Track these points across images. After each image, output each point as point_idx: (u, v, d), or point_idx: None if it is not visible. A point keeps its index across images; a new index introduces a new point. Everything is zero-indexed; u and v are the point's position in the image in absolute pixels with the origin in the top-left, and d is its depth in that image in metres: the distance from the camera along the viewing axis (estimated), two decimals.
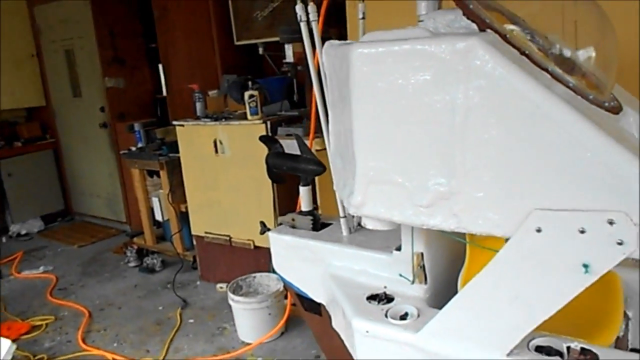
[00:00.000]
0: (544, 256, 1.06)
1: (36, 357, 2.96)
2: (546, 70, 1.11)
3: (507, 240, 1.12)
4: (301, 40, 2.69)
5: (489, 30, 1.18)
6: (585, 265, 1.01)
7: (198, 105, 3.25)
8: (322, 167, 1.84)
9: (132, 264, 4.23)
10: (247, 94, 2.80)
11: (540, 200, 1.04)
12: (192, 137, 3.22)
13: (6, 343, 2.41)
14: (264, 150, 2.80)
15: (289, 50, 2.60)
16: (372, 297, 1.52)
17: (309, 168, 1.87)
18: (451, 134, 1.11)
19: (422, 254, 1.48)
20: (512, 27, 1.22)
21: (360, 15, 1.82)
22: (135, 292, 3.75)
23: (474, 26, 1.25)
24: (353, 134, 1.25)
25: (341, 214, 1.80)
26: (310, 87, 2.90)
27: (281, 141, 2.68)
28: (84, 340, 3.10)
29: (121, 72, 4.78)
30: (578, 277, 1.02)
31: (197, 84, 3.33)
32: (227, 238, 3.24)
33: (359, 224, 1.89)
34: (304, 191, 1.94)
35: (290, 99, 3.00)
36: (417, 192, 1.19)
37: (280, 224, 2.01)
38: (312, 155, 1.87)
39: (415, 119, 1.15)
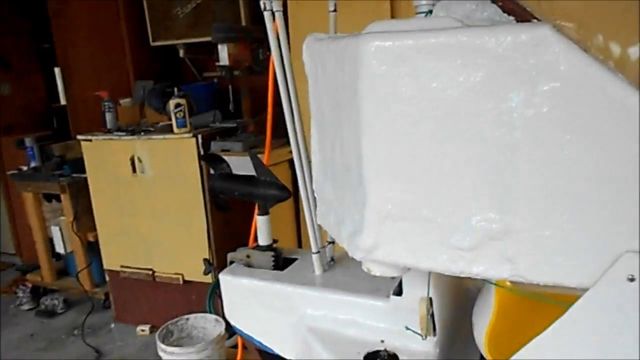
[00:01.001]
0: (634, 311, 0.81)
1: None
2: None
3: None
4: (238, 39, 2.36)
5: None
6: None
7: (108, 116, 2.75)
8: (287, 192, 1.51)
9: (25, 307, 3.52)
10: (172, 103, 2.37)
11: (634, 240, 0.79)
12: (102, 154, 2.70)
13: None
14: (194, 168, 2.41)
15: (223, 51, 2.23)
16: (371, 357, 1.21)
17: (269, 193, 1.52)
18: (506, 154, 0.83)
19: (430, 299, 1.20)
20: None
21: (332, 8, 1.51)
22: (33, 343, 3.08)
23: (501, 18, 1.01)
24: (362, 154, 0.94)
25: (314, 249, 1.47)
26: (249, 94, 2.55)
27: None
28: None
29: (6, 76, 4.04)
30: None
31: (105, 91, 2.82)
32: (150, 272, 2.76)
33: (332, 259, 1.58)
34: (262, 221, 1.58)
35: (223, 108, 2.62)
36: (456, 231, 0.90)
37: (232, 262, 1.64)
38: (272, 177, 1.53)
39: (455, 135, 0.86)
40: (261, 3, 1.27)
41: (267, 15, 1.28)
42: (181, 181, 2.46)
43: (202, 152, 2.37)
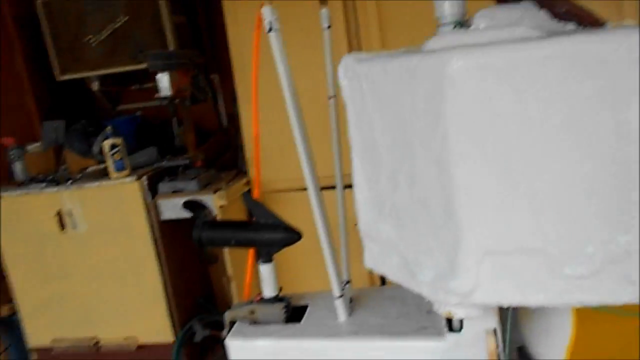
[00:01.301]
0: None
1: None
2: None
3: None
4: (180, 66, 2.11)
5: None
6: None
7: (17, 167, 2.32)
8: (297, 234, 1.33)
9: None
10: (107, 144, 2.06)
11: None
12: (18, 212, 2.27)
13: None
14: (140, 216, 2.12)
15: (163, 80, 1.97)
16: None
17: (276, 237, 1.33)
18: (626, 170, 0.77)
19: (494, 330, 1.11)
20: None
21: (326, 24, 1.37)
22: None
23: (547, 24, 0.95)
24: (452, 187, 0.82)
25: (337, 293, 1.31)
26: (192, 128, 2.30)
27: (165, 201, 2.07)
28: None
29: None
30: None
31: (8, 136, 2.38)
32: (92, 342, 2.35)
33: (350, 300, 1.43)
34: (266, 270, 1.38)
35: (156, 144, 2.32)
36: (570, 259, 0.81)
37: (232, 322, 1.42)
38: (276, 219, 1.34)
39: (566, 153, 0.78)
40: (265, 24, 1.10)
41: (273, 36, 1.11)
42: (125, 232, 2.13)
43: (148, 196, 2.07)
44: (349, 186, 2.23)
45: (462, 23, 1.09)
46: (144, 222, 2.10)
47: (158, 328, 2.19)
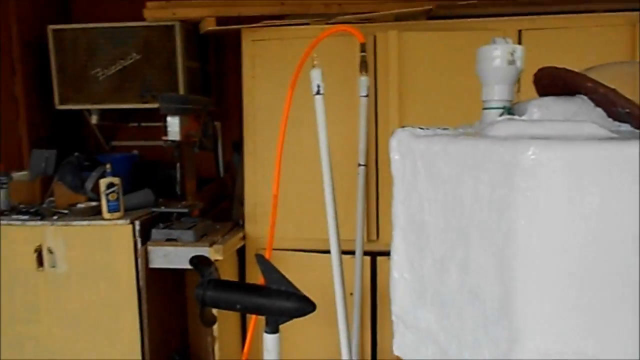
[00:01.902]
0: None
1: None
2: None
3: None
4: (192, 112, 2.06)
5: None
6: None
7: (1, 194, 2.18)
8: (311, 305, 1.25)
9: None
10: (104, 182, 1.95)
11: None
12: None
13: None
14: (128, 262, 2.00)
15: (173, 124, 1.91)
16: None
17: (286, 307, 1.25)
18: None
19: None
20: None
21: (364, 92, 1.35)
22: None
23: (600, 118, 0.94)
24: (519, 283, 0.77)
25: None
26: (194, 175, 2.22)
27: (156, 249, 1.96)
28: None
29: None
30: None
31: None
32: None
33: None
34: (271, 341, 1.29)
35: (152, 187, 2.22)
36: None
37: None
38: (288, 286, 1.26)
39: (632, 264, 0.74)
40: (314, 86, 1.07)
41: (319, 98, 1.08)
42: (107, 277, 1.99)
43: (139, 242, 1.96)
44: (348, 252, 2.19)
45: (510, 109, 1.08)
46: (131, 268, 1.97)
47: None
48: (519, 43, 1.06)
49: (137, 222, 1.97)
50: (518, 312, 0.77)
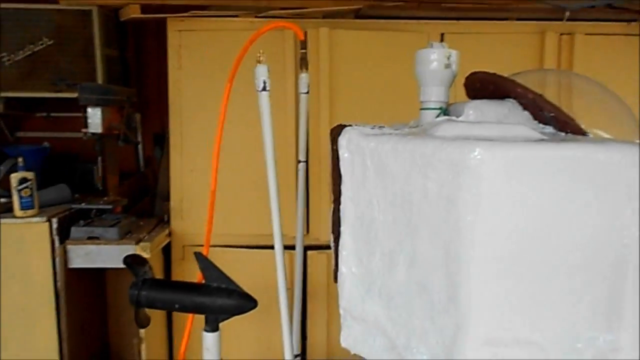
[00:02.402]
0: None
1: None
2: None
3: None
4: (117, 103, 1.95)
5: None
6: None
7: None
8: (252, 302, 1.25)
9: None
10: (15, 177, 1.79)
11: None
12: None
13: None
14: (43, 263, 1.86)
15: (95, 116, 1.78)
16: None
17: (230, 304, 1.23)
18: (616, 270, 0.82)
19: None
20: None
21: (304, 89, 1.36)
22: None
23: (527, 121, 1.03)
24: (465, 275, 0.82)
25: None
26: (116, 170, 2.11)
27: (76, 248, 1.85)
28: None
29: None
30: None
31: None
32: None
33: None
34: (211, 340, 1.27)
35: (67, 181, 2.06)
36: (562, 354, 0.84)
37: None
38: (229, 283, 1.25)
39: (568, 251, 0.82)
40: (259, 82, 1.06)
41: (265, 95, 1.07)
42: (21, 280, 1.82)
43: (56, 241, 1.81)
44: (290, 247, 2.20)
45: (446, 110, 1.15)
46: (47, 269, 1.83)
47: None
48: None
49: (54, 220, 1.83)
50: (463, 302, 0.83)
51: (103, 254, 1.84)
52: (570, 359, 0.84)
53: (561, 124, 0.99)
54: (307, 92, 1.36)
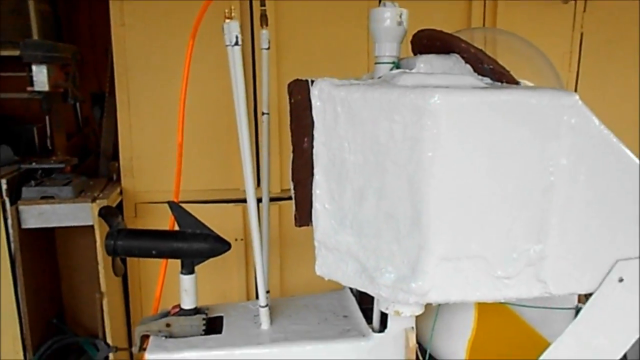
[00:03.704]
0: (624, 302, 1.10)
1: None
2: None
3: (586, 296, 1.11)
4: (62, 61, 1.90)
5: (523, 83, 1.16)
6: None
7: None
8: (226, 244, 1.35)
9: None
10: None
11: (623, 251, 1.08)
12: None
13: None
14: None
15: (40, 74, 1.73)
16: None
17: (206, 247, 1.33)
18: (544, 195, 1.02)
19: (412, 328, 1.29)
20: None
21: (265, 45, 1.43)
22: None
23: (469, 73, 1.19)
24: (422, 202, 0.98)
25: (263, 302, 1.36)
26: (63, 129, 2.07)
27: (29, 208, 1.84)
28: None
29: None
30: None
31: None
32: None
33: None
34: (188, 282, 1.36)
35: (15, 142, 1.99)
36: (502, 264, 1.04)
37: (144, 336, 1.35)
38: (203, 229, 1.34)
39: (508, 180, 1.00)
40: (231, 37, 1.13)
41: (237, 50, 1.15)
42: None
43: (7, 202, 1.78)
44: (231, 201, 2.27)
45: (398, 64, 1.28)
46: (0, 231, 1.81)
47: (7, 352, 1.88)
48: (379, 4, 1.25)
49: (2, 181, 1.79)
50: (425, 225, 0.98)
51: (58, 213, 1.84)
52: (507, 267, 1.04)
53: (498, 75, 1.15)
54: (268, 48, 1.43)
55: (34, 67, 1.76)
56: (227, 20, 1.16)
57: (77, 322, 2.35)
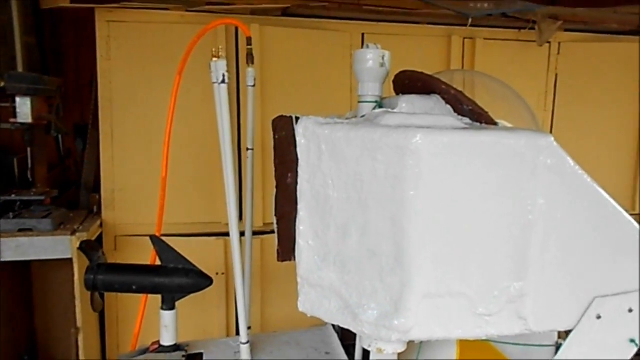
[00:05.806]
0: (602, 339, 1.12)
1: None
2: None
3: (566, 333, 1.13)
4: (45, 93, 1.91)
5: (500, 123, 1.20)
6: (632, 340, 1.13)
7: None
8: (208, 280, 1.34)
9: None
10: None
11: (601, 289, 1.10)
12: None
13: None
14: None
15: (24, 106, 1.73)
16: None
17: (186, 282, 1.32)
18: (523, 233, 1.04)
19: None
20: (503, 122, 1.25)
21: (251, 82, 1.45)
22: None
23: (449, 113, 1.23)
24: (404, 239, 0.99)
25: (244, 339, 1.35)
26: (45, 161, 2.05)
27: (6, 241, 1.81)
28: None
29: None
30: (626, 351, 1.14)
31: None
32: None
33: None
34: (169, 318, 1.35)
35: (7, 175, 1.96)
36: (483, 301, 1.05)
37: None
38: (185, 263, 1.33)
39: (488, 218, 1.02)
40: (218, 76, 1.16)
41: (223, 88, 1.17)
42: None
43: None
44: (212, 234, 2.26)
45: (381, 103, 1.32)
46: None
47: None
48: (362, 45, 1.29)
49: None
50: (407, 263, 0.99)
51: (36, 246, 1.81)
52: (488, 304, 1.05)
53: (477, 115, 1.19)
54: (254, 86, 1.46)
55: (17, 99, 1.76)
56: (215, 59, 1.18)
57: (49, 357, 2.28)
